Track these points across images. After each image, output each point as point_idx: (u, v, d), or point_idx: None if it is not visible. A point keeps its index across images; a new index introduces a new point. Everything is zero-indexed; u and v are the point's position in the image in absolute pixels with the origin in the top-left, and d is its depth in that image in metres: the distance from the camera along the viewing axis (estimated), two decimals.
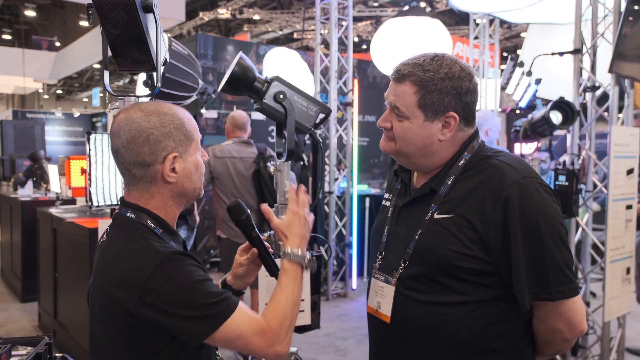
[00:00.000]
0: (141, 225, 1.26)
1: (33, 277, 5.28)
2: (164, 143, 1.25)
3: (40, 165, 7.02)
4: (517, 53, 12.19)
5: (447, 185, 1.33)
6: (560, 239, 1.25)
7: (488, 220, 1.25)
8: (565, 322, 1.27)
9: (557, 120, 3.28)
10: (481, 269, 1.27)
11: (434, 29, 4.89)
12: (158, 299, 1.16)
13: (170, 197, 1.30)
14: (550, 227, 1.24)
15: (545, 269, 1.23)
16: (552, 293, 1.24)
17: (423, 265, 1.32)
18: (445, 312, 1.29)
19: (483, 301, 1.28)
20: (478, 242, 1.26)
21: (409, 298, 1.34)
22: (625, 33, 3.49)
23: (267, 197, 3.65)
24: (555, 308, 1.26)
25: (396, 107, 1.34)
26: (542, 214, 1.24)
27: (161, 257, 1.18)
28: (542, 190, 1.27)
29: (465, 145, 1.37)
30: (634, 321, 4.86)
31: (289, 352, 2.20)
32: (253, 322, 1.22)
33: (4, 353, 1.37)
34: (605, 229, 3.54)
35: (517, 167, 1.29)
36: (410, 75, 1.33)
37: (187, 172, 1.29)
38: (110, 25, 1.50)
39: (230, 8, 14.19)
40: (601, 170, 3.96)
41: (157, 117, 1.26)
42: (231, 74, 1.78)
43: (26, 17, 18.32)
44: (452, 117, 1.32)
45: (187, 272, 1.19)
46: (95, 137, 3.19)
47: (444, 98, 1.30)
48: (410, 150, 1.35)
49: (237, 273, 1.49)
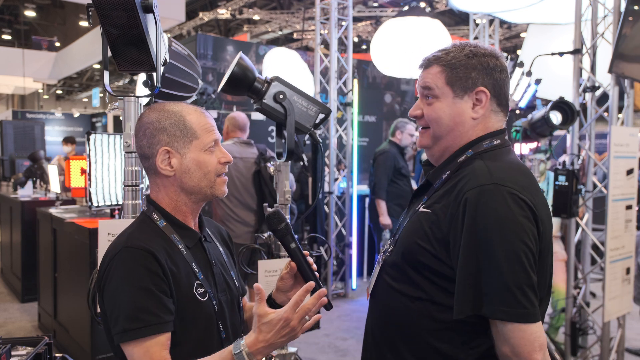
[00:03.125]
0: (145, 217, 1.35)
1: (33, 277, 5.28)
2: (157, 137, 1.32)
3: (40, 165, 7.02)
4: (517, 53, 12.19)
5: (442, 179, 1.33)
6: (515, 256, 1.14)
7: (451, 221, 1.22)
8: (511, 348, 1.16)
9: (557, 120, 3.28)
10: (441, 271, 1.23)
11: (434, 29, 4.89)
12: (106, 284, 1.25)
13: (175, 192, 1.35)
14: (504, 241, 1.15)
15: (487, 282, 1.15)
16: (494, 310, 1.15)
17: (398, 254, 1.33)
18: (408, 305, 1.29)
19: (442, 305, 1.24)
20: (442, 242, 1.23)
21: (385, 283, 1.37)
22: (625, 33, 3.49)
23: (268, 198, 3.65)
24: (498, 328, 1.17)
25: (427, 87, 1.34)
26: (498, 224, 1.15)
27: (122, 246, 1.25)
28: (510, 200, 1.17)
29: (476, 142, 1.32)
30: (633, 321, 4.86)
31: (289, 352, 2.20)
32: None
33: (4, 353, 1.37)
34: (605, 229, 3.54)
35: (493, 172, 1.22)
36: (436, 59, 1.35)
37: (185, 167, 1.33)
38: (110, 25, 1.50)
39: (230, 8, 14.19)
40: (600, 170, 3.96)
41: (157, 113, 1.34)
42: (231, 74, 1.78)
43: (26, 17, 18.32)
44: (483, 92, 1.31)
45: (133, 269, 1.22)
46: (95, 138, 3.19)
47: (470, 72, 1.30)
48: (442, 131, 1.33)
49: (279, 287, 1.45)
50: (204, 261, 1.39)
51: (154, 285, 1.22)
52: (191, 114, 1.36)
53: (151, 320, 1.20)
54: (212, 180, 1.36)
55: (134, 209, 1.77)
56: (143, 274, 1.22)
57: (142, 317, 1.19)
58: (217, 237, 1.53)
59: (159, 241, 1.31)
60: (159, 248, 1.28)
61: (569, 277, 3.85)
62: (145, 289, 1.21)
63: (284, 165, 2.07)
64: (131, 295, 1.21)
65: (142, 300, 1.20)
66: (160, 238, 1.32)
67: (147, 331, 1.19)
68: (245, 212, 3.74)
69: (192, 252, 1.37)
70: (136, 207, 1.78)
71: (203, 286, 1.33)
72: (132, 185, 1.76)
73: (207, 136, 1.35)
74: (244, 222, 3.76)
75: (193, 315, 1.30)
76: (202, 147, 1.34)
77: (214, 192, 1.37)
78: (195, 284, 1.32)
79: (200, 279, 1.34)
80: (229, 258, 1.52)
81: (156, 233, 1.33)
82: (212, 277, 1.38)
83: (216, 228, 1.58)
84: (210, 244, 1.45)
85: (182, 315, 1.28)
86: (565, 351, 3.87)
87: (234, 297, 1.46)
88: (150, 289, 1.21)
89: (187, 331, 1.29)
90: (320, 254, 2.21)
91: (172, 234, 1.34)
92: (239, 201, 3.72)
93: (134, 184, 1.76)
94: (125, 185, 1.76)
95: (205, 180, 1.35)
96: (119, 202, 3.37)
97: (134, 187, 1.77)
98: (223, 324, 1.37)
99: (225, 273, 1.45)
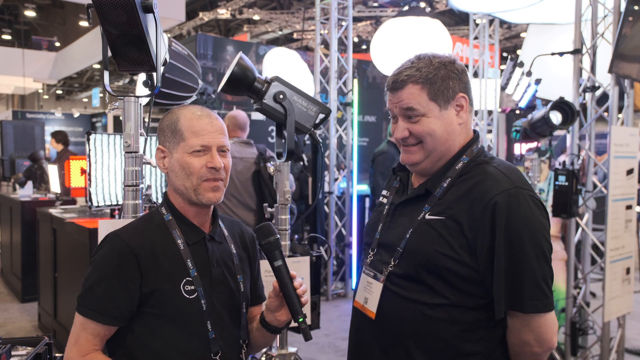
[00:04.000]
0: (155, 210, 1.43)
1: (33, 277, 5.28)
2: (159, 136, 1.43)
3: (40, 165, 7.02)
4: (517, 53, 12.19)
5: (443, 187, 1.34)
6: (542, 253, 1.26)
7: (477, 225, 1.26)
8: (536, 336, 1.27)
9: (557, 120, 3.28)
10: (466, 275, 1.27)
11: (434, 29, 4.89)
12: (92, 258, 1.37)
13: (173, 190, 1.42)
14: (534, 241, 1.25)
15: (522, 281, 1.24)
16: (524, 305, 1.24)
17: (411, 264, 1.32)
18: (425, 313, 1.30)
19: (464, 307, 1.29)
20: (465, 247, 1.27)
21: (395, 294, 1.35)
22: (625, 33, 3.49)
23: (267, 198, 3.65)
24: (526, 321, 1.27)
25: (410, 108, 1.34)
26: (528, 226, 1.25)
27: (114, 233, 1.36)
28: (531, 202, 1.27)
29: (466, 148, 1.38)
30: (633, 321, 4.86)
31: (289, 352, 2.20)
32: (83, 341, 1.31)
33: (4, 353, 1.37)
34: (605, 229, 3.54)
35: (510, 176, 1.29)
36: (409, 78, 1.34)
37: (172, 167, 1.39)
38: (110, 26, 1.51)
39: (230, 8, 14.18)
40: (601, 170, 3.96)
41: (167, 115, 1.43)
42: (231, 74, 1.78)
43: (26, 17, 18.31)
44: (463, 97, 1.36)
45: (107, 256, 1.33)
46: (95, 138, 3.18)
47: (448, 82, 1.34)
48: (437, 143, 1.35)
49: (267, 305, 1.43)
50: (203, 259, 1.39)
51: (116, 279, 1.30)
52: (187, 117, 1.38)
53: (97, 308, 1.29)
54: (194, 183, 1.35)
55: (134, 209, 1.77)
56: (111, 266, 1.31)
57: (90, 301, 1.31)
58: (235, 240, 1.52)
59: (154, 234, 1.35)
60: (147, 242, 1.34)
61: (569, 277, 3.85)
62: (106, 281, 1.30)
63: (284, 165, 2.07)
64: (94, 278, 1.32)
65: (99, 287, 1.30)
66: (159, 231, 1.36)
67: (88, 313, 1.30)
68: (245, 212, 3.74)
69: (192, 249, 1.38)
70: (136, 207, 1.78)
71: (193, 283, 1.34)
72: (132, 185, 1.77)
73: (193, 139, 1.35)
74: (243, 222, 3.75)
75: (175, 309, 1.32)
76: (187, 149, 1.36)
77: (198, 196, 1.36)
78: (184, 280, 1.34)
79: (192, 276, 1.34)
80: (242, 262, 1.50)
81: (158, 226, 1.37)
82: (208, 277, 1.38)
83: (240, 231, 1.57)
84: (217, 244, 1.44)
85: (159, 305, 1.31)
86: (565, 351, 3.86)
87: (235, 300, 1.44)
88: (111, 282, 1.30)
89: (163, 323, 1.32)
90: (320, 254, 2.21)
91: (174, 229, 1.37)
92: (239, 201, 3.72)
93: (134, 184, 1.77)
94: (125, 185, 1.76)
95: (188, 181, 1.36)
96: (119, 202, 3.37)
97: (134, 187, 1.77)
98: (213, 324, 1.36)
99: (230, 275, 1.44)
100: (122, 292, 1.30)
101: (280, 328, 1.43)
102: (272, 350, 2.23)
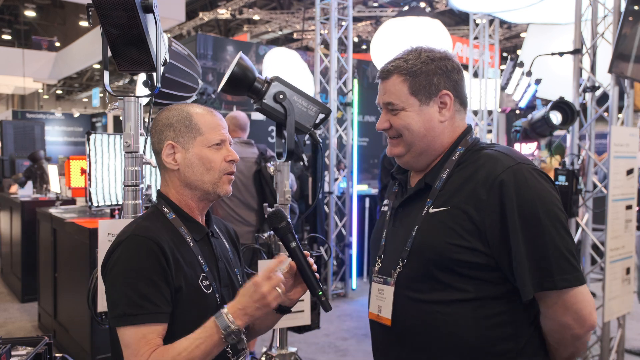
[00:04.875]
0: (155, 209, 1.40)
1: (33, 277, 5.28)
2: (165, 133, 1.39)
3: (40, 165, 7.02)
4: (517, 53, 12.19)
5: (442, 179, 1.32)
6: (561, 224, 1.21)
7: (484, 207, 1.22)
8: (573, 315, 1.19)
9: (557, 120, 3.29)
10: (480, 262, 1.22)
11: (434, 29, 4.90)
12: (111, 269, 1.28)
13: (181, 186, 1.40)
14: (549, 212, 1.20)
15: (547, 256, 1.18)
16: (555, 281, 1.17)
17: (421, 261, 1.28)
18: (445, 312, 1.25)
19: (484, 298, 1.23)
20: (475, 233, 1.22)
21: (408, 298, 1.30)
22: (625, 33, 3.49)
23: (268, 197, 3.65)
24: (560, 299, 1.19)
25: (389, 103, 1.34)
26: (540, 198, 1.20)
27: (129, 233, 1.30)
28: (537, 175, 1.24)
29: (460, 139, 1.36)
30: (633, 321, 4.86)
31: (289, 352, 2.20)
32: (144, 345, 1.22)
33: (4, 353, 1.37)
34: (605, 229, 3.54)
35: (511, 155, 1.27)
36: (394, 69, 1.34)
37: (188, 162, 1.37)
38: (110, 26, 1.51)
39: (230, 8, 14.19)
40: (601, 170, 3.96)
41: (168, 111, 1.41)
42: (231, 74, 1.78)
43: (26, 17, 18.32)
44: (447, 95, 1.33)
45: (137, 257, 1.26)
46: (95, 138, 3.18)
47: (432, 78, 1.32)
48: (415, 138, 1.34)
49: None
50: (210, 255, 1.41)
51: (156, 275, 1.25)
52: (199, 112, 1.40)
53: (150, 309, 1.23)
54: (216, 176, 1.38)
55: (134, 209, 1.77)
56: (146, 263, 1.26)
57: (142, 304, 1.23)
58: (224, 235, 1.56)
59: (166, 232, 1.34)
60: (165, 238, 1.31)
61: None
62: (148, 278, 1.24)
63: (284, 165, 2.07)
64: (133, 281, 1.24)
65: (143, 288, 1.24)
66: (168, 229, 1.36)
67: (145, 318, 1.23)
68: (246, 211, 3.74)
69: (199, 245, 1.40)
70: (136, 207, 1.78)
71: (208, 279, 1.36)
72: (132, 185, 1.77)
73: (212, 134, 1.38)
74: (245, 221, 3.76)
75: (196, 305, 1.32)
76: (206, 144, 1.37)
77: (216, 189, 1.39)
78: (200, 275, 1.35)
79: (206, 272, 1.37)
80: (234, 256, 1.54)
81: (165, 224, 1.37)
82: (216, 271, 1.41)
83: (224, 226, 1.61)
84: (217, 240, 1.48)
85: (185, 304, 1.31)
86: None
87: (237, 293, 1.46)
88: (152, 279, 1.25)
89: (186, 320, 1.31)
90: (320, 254, 2.21)
91: (180, 227, 1.37)
92: (240, 201, 3.72)
93: (134, 184, 1.77)
94: (125, 185, 1.76)
95: (208, 175, 1.37)
96: (119, 202, 3.37)
97: (134, 187, 1.77)
98: None
99: (230, 269, 1.47)
100: (164, 284, 1.26)
101: (289, 308, 1.45)
102: (272, 350, 2.23)
